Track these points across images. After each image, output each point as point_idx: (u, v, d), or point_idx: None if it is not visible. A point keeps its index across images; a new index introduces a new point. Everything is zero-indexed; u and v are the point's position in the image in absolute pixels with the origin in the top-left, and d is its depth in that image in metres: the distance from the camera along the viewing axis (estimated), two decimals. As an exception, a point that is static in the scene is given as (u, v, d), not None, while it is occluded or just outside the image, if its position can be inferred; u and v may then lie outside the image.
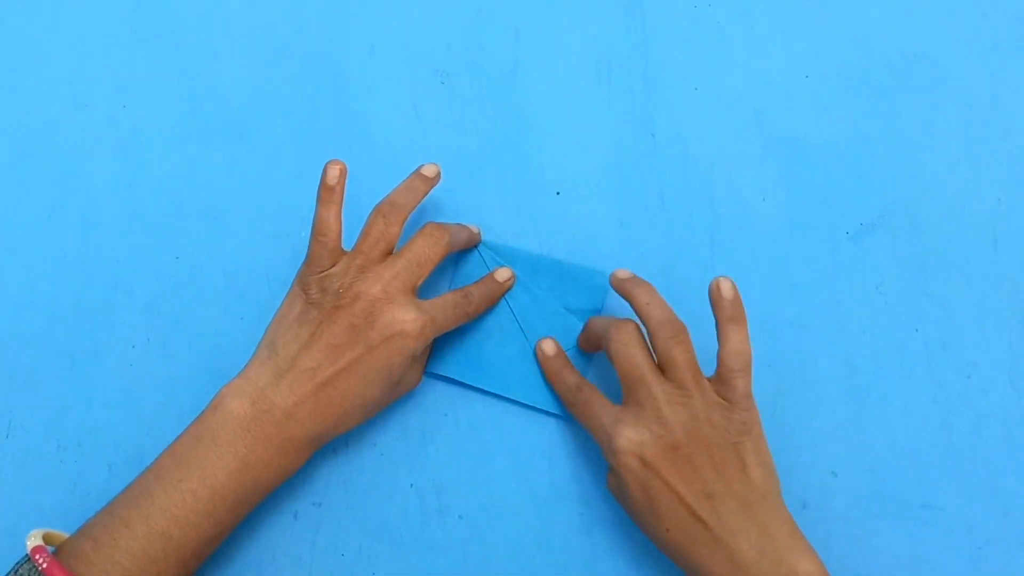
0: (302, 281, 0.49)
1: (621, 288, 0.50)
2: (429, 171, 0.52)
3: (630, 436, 0.45)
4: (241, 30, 0.59)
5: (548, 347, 0.52)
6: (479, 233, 0.54)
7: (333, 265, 0.49)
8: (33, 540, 0.42)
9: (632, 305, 0.49)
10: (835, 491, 0.51)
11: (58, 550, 0.43)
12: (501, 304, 0.54)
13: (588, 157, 0.57)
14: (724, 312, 0.47)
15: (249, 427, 0.45)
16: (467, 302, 0.51)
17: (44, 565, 0.40)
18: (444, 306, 0.50)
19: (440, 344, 0.53)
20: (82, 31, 0.60)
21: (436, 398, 0.53)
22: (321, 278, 0.48)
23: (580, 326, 0.53)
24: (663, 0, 0.59)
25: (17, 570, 0.41)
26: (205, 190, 0.57)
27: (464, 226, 0.53)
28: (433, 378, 0.53)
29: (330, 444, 0.52)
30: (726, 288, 0.47)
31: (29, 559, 0.41)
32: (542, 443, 0.53)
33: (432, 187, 0.52)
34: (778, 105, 0.58)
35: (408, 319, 0.47)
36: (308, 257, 0.49)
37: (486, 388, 0.53)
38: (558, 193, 0.57)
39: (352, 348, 0.46)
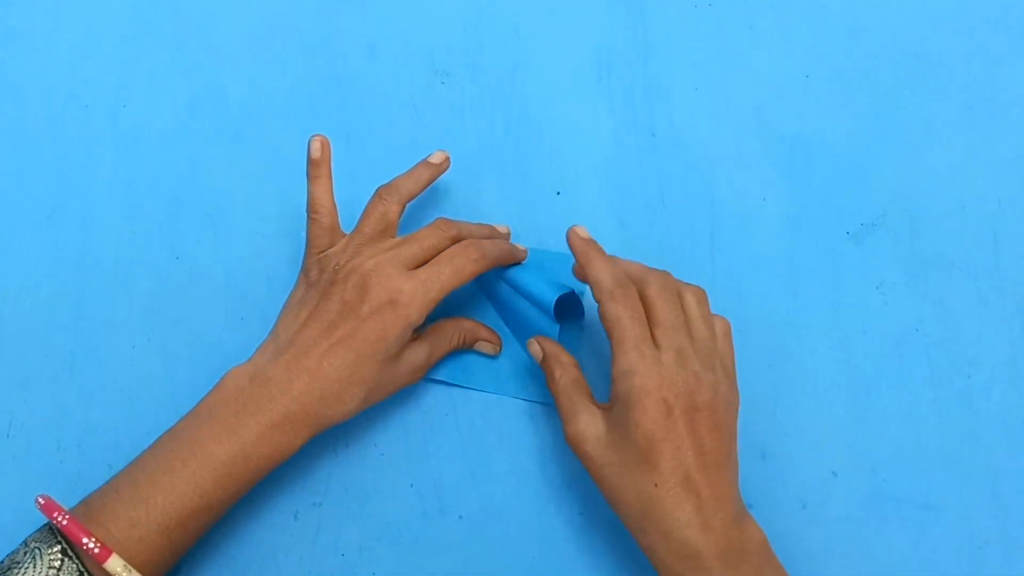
0: (304, 264, 0.50)
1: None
2: (436, 158, 0.53)
3: (661, 374, 0.43)
4: (241, 30, 0.59)
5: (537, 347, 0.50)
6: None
7: (332, 246, 0.50)
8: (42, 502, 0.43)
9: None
10: (835, 491, 0.51)
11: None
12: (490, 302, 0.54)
13: (588, 157, 0.57)
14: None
15: (244, 401, 0.45)
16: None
17: (64, 522, 0.42)
18: (436, 262, 0.48)
19: None
20: (82, 31, 0.60)
21: (436, 399, 0.53)
22: (320, 259, 0.49)
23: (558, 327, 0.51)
24: (663, 0, 0.59)
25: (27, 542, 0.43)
26: (205, 190, 0.57)
27: (495, 233, 0.52)
28: (428, 381, 0.53)
29: (330, 444, 0.52)
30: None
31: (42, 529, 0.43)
32: (542, 443, 0.53)
33: (438, 174, 0.52)
34: (778, 105, 0.58)
35: (397, 287, 0.46)
36: (307, 239, 0.50)
37: (474, 387, 0.53)
38: (558, 193, 0.57)
39: (344, 322, 0.46)
